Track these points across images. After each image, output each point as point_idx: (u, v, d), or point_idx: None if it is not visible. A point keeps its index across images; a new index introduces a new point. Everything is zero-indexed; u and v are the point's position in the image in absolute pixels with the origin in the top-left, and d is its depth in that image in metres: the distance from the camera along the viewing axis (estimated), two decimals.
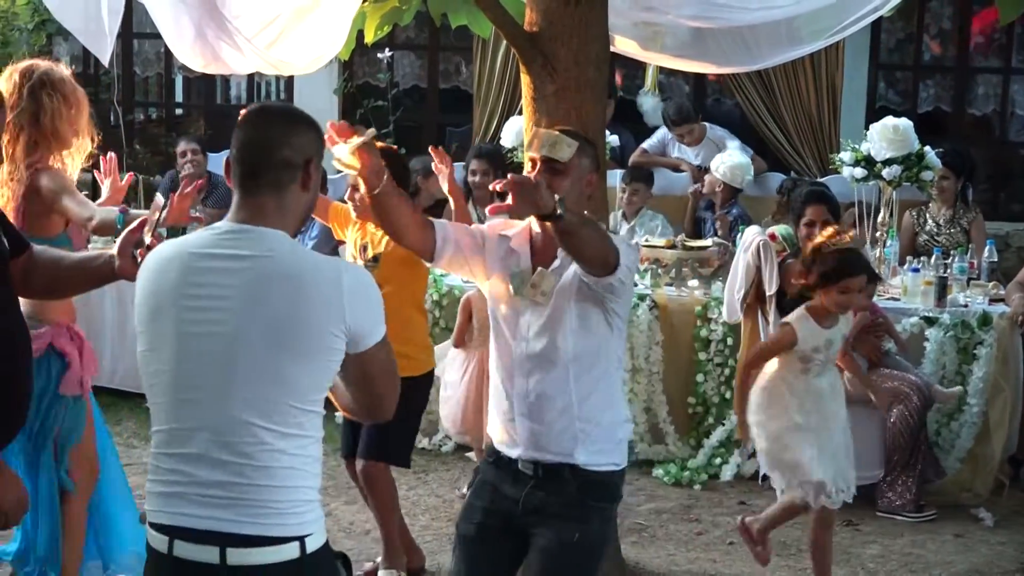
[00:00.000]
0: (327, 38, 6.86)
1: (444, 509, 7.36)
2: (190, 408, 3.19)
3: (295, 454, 3.19)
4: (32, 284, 4.01)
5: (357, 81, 12.57)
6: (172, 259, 3.27)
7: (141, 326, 3.31)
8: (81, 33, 6.87)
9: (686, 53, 7.30)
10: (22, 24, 11.98)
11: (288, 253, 3.22)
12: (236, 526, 3.13)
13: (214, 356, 3.16)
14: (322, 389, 3.24)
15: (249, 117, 3.35)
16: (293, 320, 3.14)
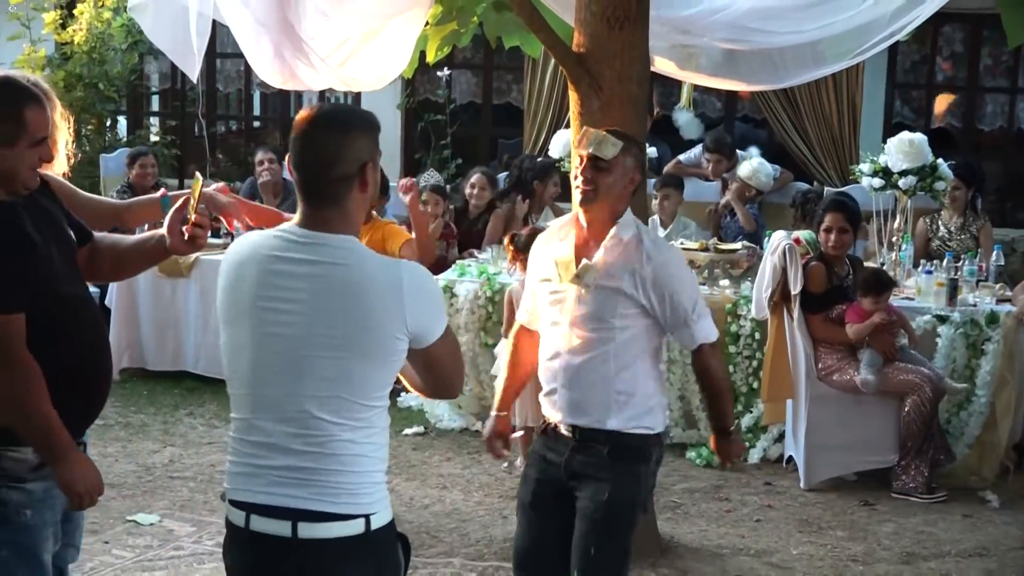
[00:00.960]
0: (393, 58, 6.89)
1: (496, 486, 7.37)
2: (266, 402, 3.20)
3: (362, 443, 3.19)
4: (97, 269, 4.05)
5: (418, 97, 12.62)
6: (248, 261, 3.26)
7: (222, 323, 3.32)
8: (172, 53, 6.91)
9: (719, 72, 7.29)
10: (117, 44, 12.07)
11: (353, 259, 3.17)
12: (307, 503, 3.14)
13: (286, 356, 3.16)
14: (387, 385, 3.23)
15: (304, 130, 3.24)
16: (357, 326, 3.12)
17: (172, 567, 5.97)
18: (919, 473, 7.37)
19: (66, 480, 3.74)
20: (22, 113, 3.65)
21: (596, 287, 4.27)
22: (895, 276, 8.38)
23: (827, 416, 7.50)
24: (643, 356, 4.37)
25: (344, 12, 6.67)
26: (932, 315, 7.86)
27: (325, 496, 3.15)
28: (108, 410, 8.68)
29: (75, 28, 11.80)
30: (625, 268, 4.27)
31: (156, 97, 14.46)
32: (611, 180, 4.29)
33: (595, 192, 4.29)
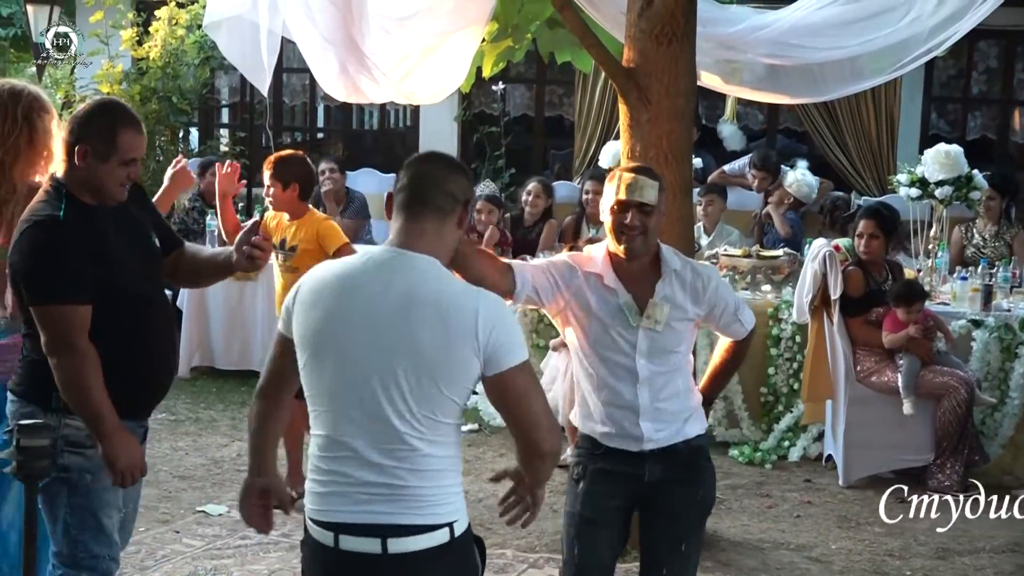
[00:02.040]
0: (450, 73, 6.91)
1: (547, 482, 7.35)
2: (348, 420, 3.15)
3: (442, 456, 3.16)
4: (179, 276, 4.29)
5: (474, 110, 12.65)
6: (330, 283, 3.22)
7: (300, 343, 3.23)
8: (244, 68, 6.96)
9: (762, 86, 7.27)
10: (190, 60, 12.16)
11: (434, 280, 3.16)
12: (394, 518, 3.11)
13: (371, 375, 3.11)
14: (462, 404, 3.19)
15: (420, 158, 3.38)
16: (434, 345, 3.08)
17: (239, 555, 6.01)
18: (954, 472, 7.32)
19: (109, 457, 3.90)
20: (116, 135, 3.89)
21: (668, 324, 4.16)
22: (931, 282, 8.34)
23: (865, 416, 7.46)
24: (687, 364, 4.35)
25: (405, 29, 6.71)
26: (967, 320, 7.82)
27: (411, 510, 3.12)
28: (179, 406, 8.78)
29: (151, 45, 11.90)
30: (688, 297, 4.19)
31: (226, 110, 14.56)
32: (654, 221, 4.16)
33: (644, 237, 4.14)
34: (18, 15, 19.50)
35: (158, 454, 7.69)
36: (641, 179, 4.13)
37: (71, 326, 3.78)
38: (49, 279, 3.80)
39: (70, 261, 3.80)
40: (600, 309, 4.15)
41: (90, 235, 3.87)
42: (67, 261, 3.80)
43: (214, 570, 5.84)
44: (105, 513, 3.99)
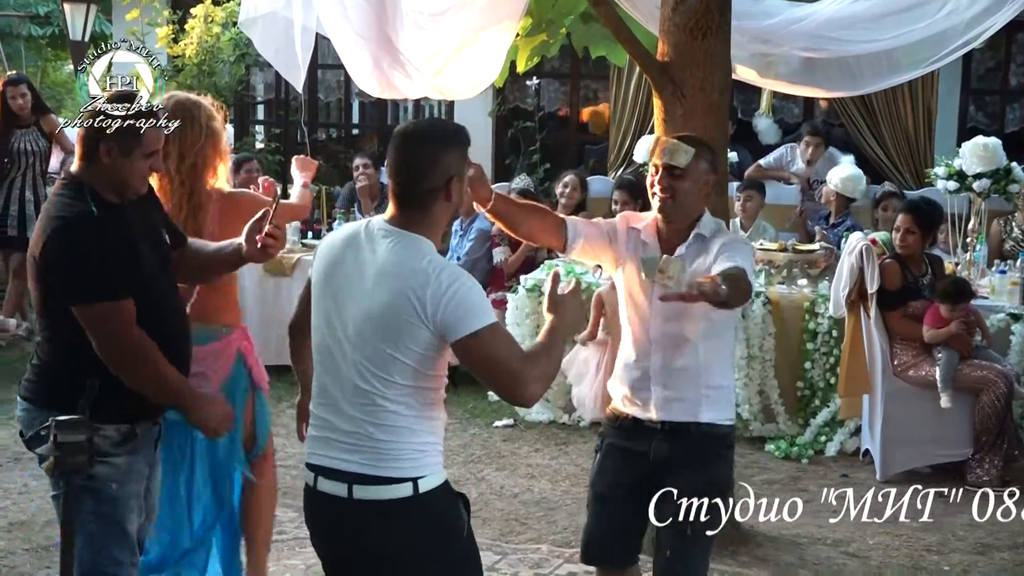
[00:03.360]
0: (484, 68, 6.91)
1: (582, 476, 7.36)
2: (332, 372, 3.43)
3: (407, 414, 3.37)
4: (185, 270, 4.26)
5: (508, 105, 12.62)
6: (337, 245, 3.51)
7: (313, 300, 3.55)
8: (279, 64, 6.99)
9: (798, 80, 7.23)
10: (225, 57, 12.20)
11: (408, 256, 3.36)
12: (359, 467, 3.36)
13: (345, 333, 3.39)
14: (420, 370, 3.35)
15: (401, 143, 3.46)
16: (384, 314, 3.31)
17: (275, 550, 6.01)
18: (993, 466, 7.28)
19: (199, 421, 4.08)
20: (139, 128, 3.91)
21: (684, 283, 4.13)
22: (969, 276, 8.28)
23: (902, 410, 7.43)
24: (725, 346, 4.39)
25: (439, 25, 6.71)
26: (1006, 313, 7.78)
27: (374, 461, 3.36)
28: None
29: (186, 42, 11.95)
30: (708, 260, 4.24)
31: (261, 106, 14.61)
32: (687, 186, 4.27)
33: (673, 199, 4.28)
34: (55, 13, 19.66)
35: None
36: (674, 143, 4.28)
37: (124, 321, 3.81)
38: (96, 277, 3.79)
39: (112, 257, 3.81)
40: (633, 263, 4.32)
41: (122, 232, 3.89)
42: (109, 257, 3.81)
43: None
44: (129, 520, 4.01)
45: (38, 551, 5.83)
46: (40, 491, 6.37)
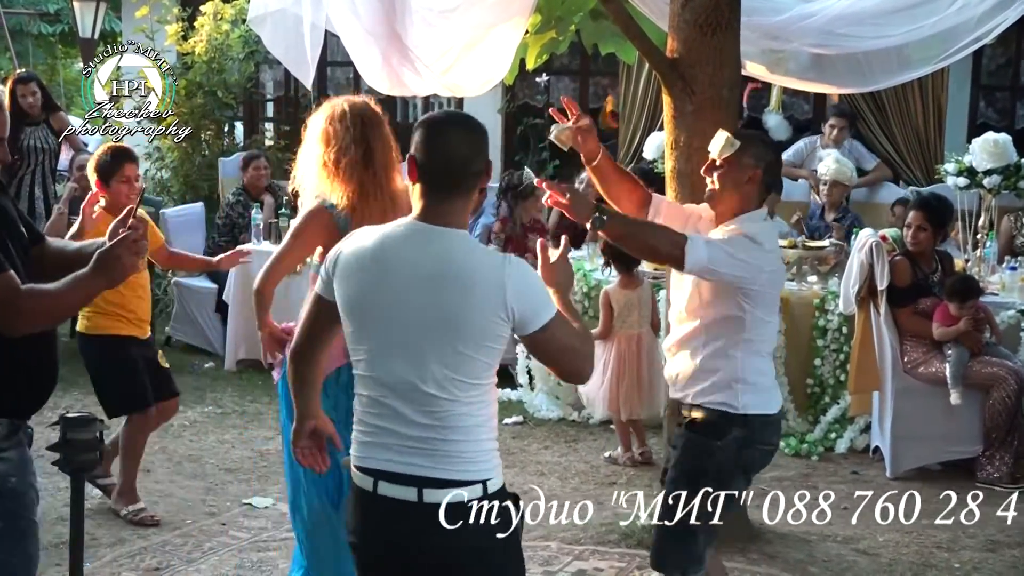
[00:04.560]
0: (494, 65, 6.90)
1: (592, 473, 7.37)
2: (387, 383, 3.31)
3: (475, 415, 3.30)
4: (46, 270, 3.91)
5: (518, 102, 12.61)
6: (370, 251, 3.35)
7: (345, 310, 3.38)
8: (288, 61, 7.00)
9: (808, 76, 7.22)
10: (234, 55, 12.20)
11: (463, 252, 3.30)
12: (429, 471, 3.26)
13: (407, 342, 3.27)
14: (493, 365, 3.33)
15: (435, 131, 3.37)
16: (463, 314, 3.24)
17: (285, 547, 6.02)
18: (1003, 463, 7.26)
19: (113, 281, 3.68)
20: None
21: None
22: (980, 272, 8.26)
23: (913, 407, 7.41)
24: (730, 336, 4.40)
25: (448, 22, 6.71)
26: (1016, 310, 7.76)
27: (446, 464, 3.27)
28: (225, 399, 8.83)
29: (196, 40, 11.96)
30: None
31: (271, 104, 14.61)
32: (726, 177, 4.42)
33: (715, 190, 4.45)
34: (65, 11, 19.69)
35: (204, 447, 7.74)
36: (723, 135, 4.44)
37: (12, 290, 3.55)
38: None
39: None
40: None
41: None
42: None
43: (260, 562, 5.86)
44: (32, 511, 3.78)
45: (47, 549, 5.82)
46: (49, 488, 6.37)
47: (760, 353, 4.47)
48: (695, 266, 4.24)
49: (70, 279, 3.63)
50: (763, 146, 4.52)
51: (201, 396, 8.93)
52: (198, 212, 11.02)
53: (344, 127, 4.80)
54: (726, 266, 4.28)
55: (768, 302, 4.45)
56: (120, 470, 6.45)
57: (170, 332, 10.45)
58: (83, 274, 3.61)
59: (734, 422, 4.41)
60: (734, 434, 4.42)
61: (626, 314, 7.60)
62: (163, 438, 7.87)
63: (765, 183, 4.46)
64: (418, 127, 3.38)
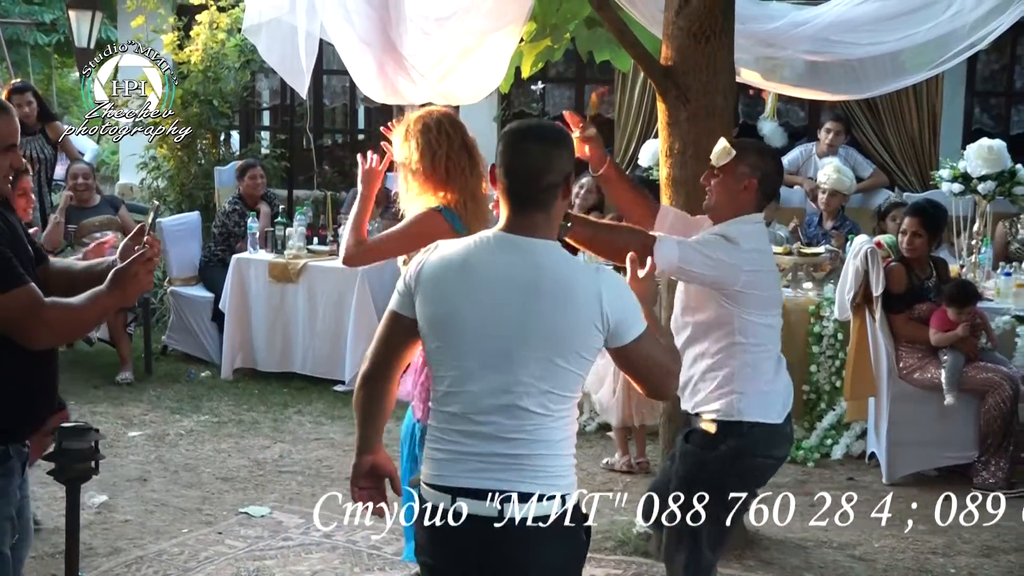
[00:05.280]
0: (489, 73, 6.90)
1: (588, 481, 7.37)
2: (478, 397, 3.25)
3: (563, 428, 3.28)
4: (51, 290, 3.88)
5: (513, 110, 12.62)
6: (454, 266, 3.31)
7: (429, 327, 3.33)
8: (283, 71, 6.98)
9: (802, 83, 7.23)
10: (230, 64, 12.20)
11: (555, 263, 3.27)
12: (513, 485, 3.20)
13: (497, 356, 3.22)
14: (583, 378, 3.32)
15: (516, 143, 3.36)
16: (561, 326, 3.21)
17: (281, 556, 6.03)
18: (999, 469, 7.26)
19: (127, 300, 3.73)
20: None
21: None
22: (975, 278, 8.26)
23: (908, 413, 7.42)
24: (721, 339, 4.39)
25: (443, 30, 6.71)
26: (1011, 315, 7.77)
27: (530, 478, 3.22)
28: (222, 408, 8.82)
29: (191, 49, 11.96)
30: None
31: (267, 112, 14.61)
32: (721, 184, 4.45)
33: (711, 196, 4.51)
34: (61, 21, 19.70)
35: (201, 456, 7.73)
36: (722, 143, 4.49)
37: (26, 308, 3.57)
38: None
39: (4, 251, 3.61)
40: None
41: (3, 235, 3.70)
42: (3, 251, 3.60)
43: (256, 571, 5.85)
44: (3, 542, 3.73)
45: (44, 558, 5.83)
46: (45, 498, 6.38)
47: (758, 357, 4.43)
48: (666, 266, 4.25)
49: (89, 294, 3.64)
50: (760, 155, 4.53)
51: (197, 405, 8.93)
52: (194, 221, 11.02)
53: (446, 135, 4.91)
54: (699, 266, 4.29)
55: (758, 303, 4.38)
56: None
57: (166, 341, 10.45)
58: (100, 291, 3.63)
59: (731, 431, 4.40)
60: (728, 444, 4.41)
61: None
62: (159, 447, 7.87)
63: (762, 192, 4.46)
64: (501, 137, 3.38)
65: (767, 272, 4.50)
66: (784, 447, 4.57)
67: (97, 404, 8.80)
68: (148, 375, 9.78)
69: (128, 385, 9.39)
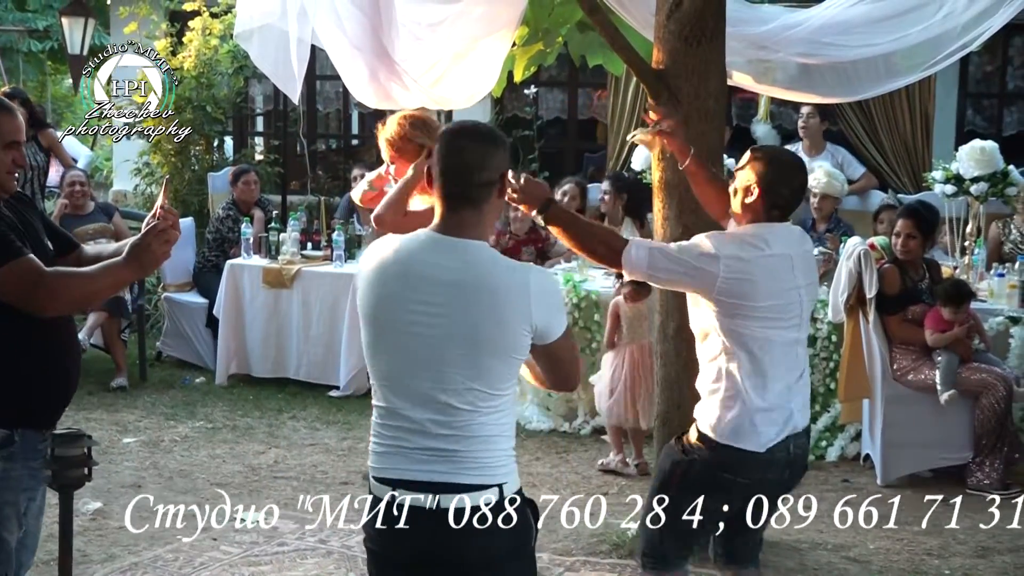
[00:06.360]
0: (482, 77, 6.90)
1: (583, 484, 7.37)
2: (408, 393, 3.33)
3: (495, 424, 3.34)
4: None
5: (507, 114, 12.62)
6: (389, 263, 3.37)
7: (363, 321, 3.43)
8: (275, 76, 6.98)
9: (795, 86, 7.23)
10: (223, 69, 12.20)
11: (484, 263, 3.33)
12: (448, 476, 3.29)
13: (428, 354, 3.29)
14: (515, 375, 3.38)
15: (452, 138, 3.43)
16: (488, 325, 3.27)
17: (276, 562, 6.03)
18: (993, 470, 7.27)
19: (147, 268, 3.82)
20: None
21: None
22: (968, 279, 8.27)
23: (903, 415, 7.42)
24: (714, 351, 4.33)
25: (435, 35, 6.71)
26: (1005, 316, 7.78)
27: (464, 470, 3.30)
28: (216, 414, 8.82)
29: (184, 55, 11.96)
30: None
31: (260, 118, 14.61)
32: (734, 191, 4.43)
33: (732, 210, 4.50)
34: (55, 27, 19.69)
35: (195, 462, 7.73)
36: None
37: (36, 272, 3.66)
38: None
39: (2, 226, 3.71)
40: None
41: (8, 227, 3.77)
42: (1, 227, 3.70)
43: None
44: (6, 528, 3.80)
45: (38, 565, 5.81)
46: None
47: (748, 372, 4.27)
48: (634, 269, 4.27)
49: (102, 265, 3.75)
50: (768, 164, 4.37)
51: (192, 411, 8.93)
52: (188, 227, 11.00)
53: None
54: (667, 272, 4.26)
55: (748, 314, 4.23)
56: None
57: (160, 347, 10.45)
58: (115, 261, 3.72)
59: (705, 443, 4.33)
60: (700, 455, 4.35)
61: (636, 324, 7.56)
62: (154, 453, 7.87)
63: (768, 201, 4.33)
64: (438, 138, 3.47)
65: (755, 283, 4.24)
66: (762, 472, 4.33)
67: (92, 410, 8.80)
68: (142, 381, 9.78)
69: (122, 391, 9.39)
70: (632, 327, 7.56)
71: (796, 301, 4.32)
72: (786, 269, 4.31)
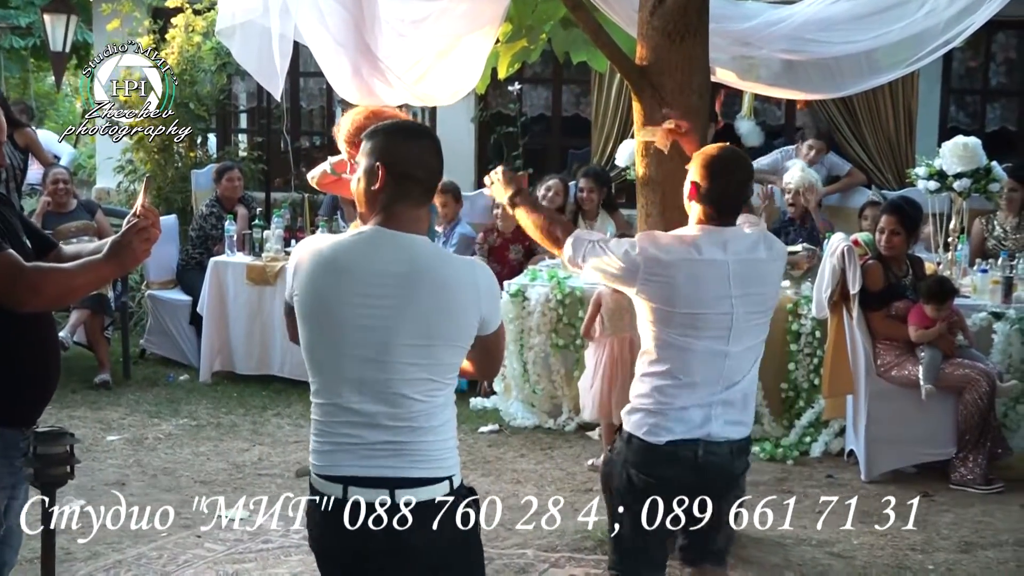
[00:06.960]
0: (465, 74, 6.89)
1: (568, 481, 7.37)
2: (351, 389, 3.32)
3: (441, 414, 3.38)
4: None
5: (491, 111, 12.62)
6: (325, 258, 3.35)
7: (300, 316, 3.40)
8: (257, 73, 6.97)
9: (778, 82, 7.24)
10: (207, 66, 12.18)
11: (430, 256, 3.36)
12: (401, 471, 3.30)
13: (374, 347, 3.28)
14: (458, 365, 3.43)
15: (386, 138, 3.44)
16: (437, 316, 3.30)
17: (261, 559, 6.02)
18: (977, 465, 7.29)
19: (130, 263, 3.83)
20: None
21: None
22: (951, 275, 8.29)
23: (886, 410, 7.44)
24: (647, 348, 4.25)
25: (419, 32, 6.70)
26: (988, 312, 7.80)
27: (417, 463, 3.32)
28: (200, 411, 8.81)
29: (167, 52, 11.92)
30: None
31: (244, 115, 14.58)
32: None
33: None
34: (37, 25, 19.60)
35: (179, 459, 7.72)
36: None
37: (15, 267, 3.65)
38: None
39: None
40: None
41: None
42: None
43: (236, 574, 5.85)
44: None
45: (21, 563, 5.76)
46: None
47: (668, 376, 4.17)
48: (569, 260, 4.32)
49: (82, 261, 3.76)
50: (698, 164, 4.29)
51: (176, 409, 8.91)
52: (171, 224, 10.98)
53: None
54: (593, 265, 4.24)
55: (665, 319, 4.14)
56: None
57: (144, 344, 10.44)
58: (96, 258, 3.72)
59: (622, 437, 4.31)
60: (618, 448, 4.32)
61: (617, 317, 7.53)
62: (138, 451, 7.86)
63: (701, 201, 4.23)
64: (373, 136, 3.48)
65: (674, 287, 4.11)
66: (662, 469, 4.20)
67: (75, 408, 8.78)
68: (126, 379, 9.76)
69: (106, 388, 9.36)
70: (613, 319, 7.53)
71: (726, 312, 4.10)
72: (717, 278, 4.10)
